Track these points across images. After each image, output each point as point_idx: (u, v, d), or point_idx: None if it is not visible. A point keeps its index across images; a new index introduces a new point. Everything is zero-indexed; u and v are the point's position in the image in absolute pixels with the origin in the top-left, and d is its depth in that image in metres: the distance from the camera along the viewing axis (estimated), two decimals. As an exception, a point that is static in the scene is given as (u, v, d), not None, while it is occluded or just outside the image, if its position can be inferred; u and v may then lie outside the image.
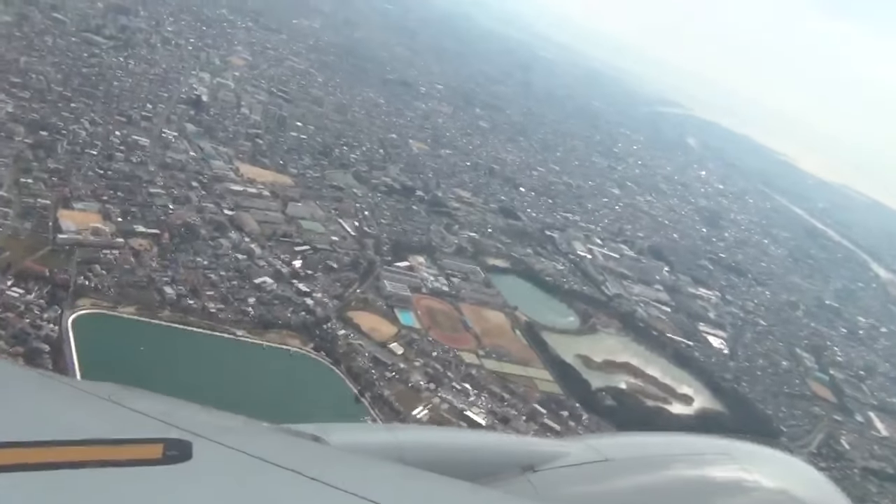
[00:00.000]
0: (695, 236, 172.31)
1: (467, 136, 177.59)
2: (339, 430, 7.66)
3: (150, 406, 5.77)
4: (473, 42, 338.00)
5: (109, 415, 5.55)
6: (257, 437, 6.19)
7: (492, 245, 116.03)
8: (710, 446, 9.91)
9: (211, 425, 5.73)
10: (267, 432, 6.62)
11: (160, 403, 6.05)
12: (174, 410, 5.91)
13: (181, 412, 6.01)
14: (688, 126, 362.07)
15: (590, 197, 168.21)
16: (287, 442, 6.39)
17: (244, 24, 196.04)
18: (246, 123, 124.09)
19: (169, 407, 5.97)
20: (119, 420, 5.47)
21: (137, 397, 5.96)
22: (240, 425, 6.34)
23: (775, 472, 8.91)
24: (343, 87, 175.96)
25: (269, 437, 6.43)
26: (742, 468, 8.48)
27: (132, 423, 5.36)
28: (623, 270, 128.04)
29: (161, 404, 6.02)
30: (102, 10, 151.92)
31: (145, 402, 5.92)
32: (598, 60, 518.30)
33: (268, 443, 6.00)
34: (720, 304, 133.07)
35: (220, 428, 5.76)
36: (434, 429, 28.18)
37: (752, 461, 8.77)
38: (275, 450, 5.43)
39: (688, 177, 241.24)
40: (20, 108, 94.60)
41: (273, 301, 77.22)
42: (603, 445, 8.52)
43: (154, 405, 5.88)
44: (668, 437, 26.94)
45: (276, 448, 5.65)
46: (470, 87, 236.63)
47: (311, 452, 6.17)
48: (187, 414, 6.05)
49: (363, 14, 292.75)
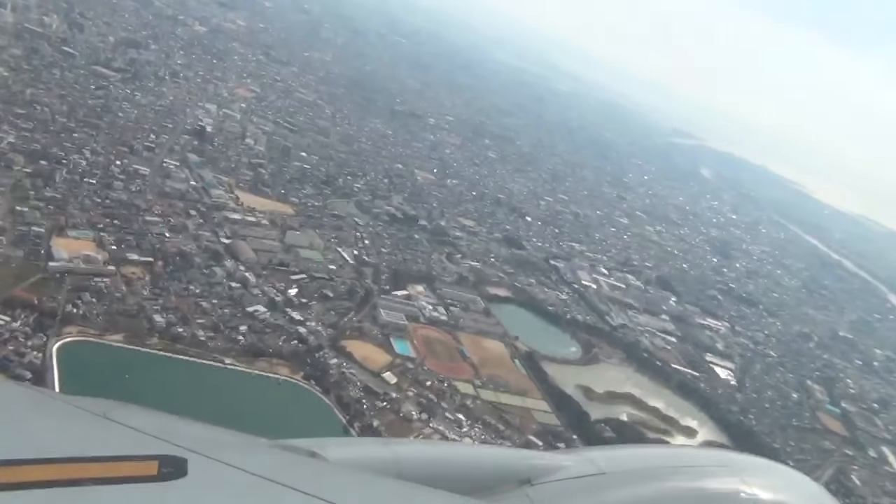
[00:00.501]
0: (704, 266, 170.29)
1: (475, 167, 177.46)
2: (335, 445, 7.66)
3: (146, 422, 5.75)
4: (487, 76, 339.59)
5: (104, 431, 5.56)
6: (253, 454, 6.13)
7: (494, 274, 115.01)
8: (708, 458, 10.19)
9: (206, 441, 5.71)
10: (263, 448, 6.60)
11: (155, 420, 6.06)
12: (169, 427, 5.87)
13: (176, 428, 5.96)
14: (702, 157, 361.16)
15: (597, 227, 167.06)
16: (284, 458, 6.35)
17: (255, 57, 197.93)
18: (249, 153, 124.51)
19: (164, 423, 6.00)
20: (114, 437, 5.46)
21: (132, 414, 5.97)
22: (235, 441, 6.33)
23: (774, 484, 8.94)
24: (351, 118, 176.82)
25: (265, 453, 6.37)
26: (741, 480, 8.51)
27: (127, 440, 5.35)
28: (629, 300, 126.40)
29: (156, 420, 6.02)
30: (113, 44, 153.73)
31: (140, 418, 5.91)
32: (613, 92, 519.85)
33: (264, 459, 5.98)
34: (729, 334, 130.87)
35: (216, 444, 5.75)
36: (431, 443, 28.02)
37: (750, 473, 8.84)
38: (271, 466, 5.50)
39: (700, 207, 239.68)
40: (22, 139, 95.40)
41: (265, 329, 76.47)
42: (600, 458, 8.53)
43: (149, 421, 5.88)
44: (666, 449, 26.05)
45: (272, 464, 5.71)
46: (480, 119, 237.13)
47: (308, 468, 6.21)
48: (182, 430, 6.00)
49: (375, 48, 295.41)
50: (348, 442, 22.72)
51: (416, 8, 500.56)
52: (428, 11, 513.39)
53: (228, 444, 6.14)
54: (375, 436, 66.74)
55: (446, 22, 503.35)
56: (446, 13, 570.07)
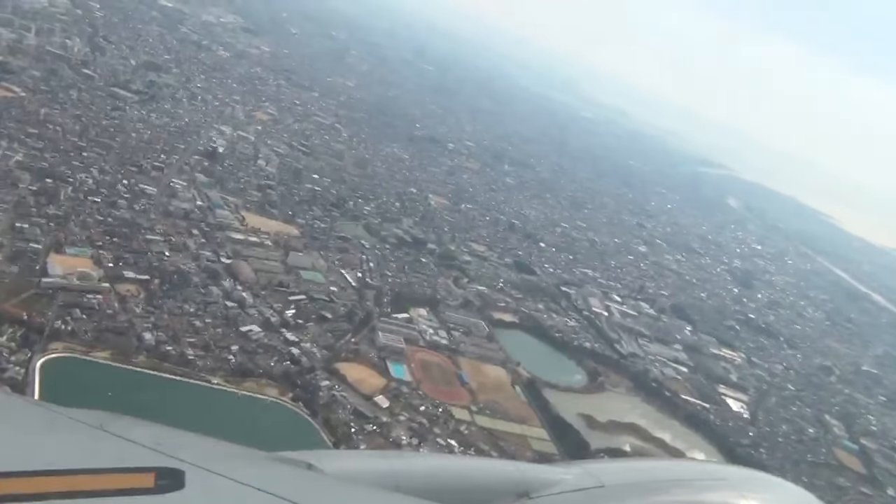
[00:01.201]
0: (724, 296, 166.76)
1: (491, 192, 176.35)
2: (333, 457, 7.71)
3: (142, 434, 5.74)
4: (512, 103, 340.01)
5: (101, 443, 5.53)
6: (250, 466, 6.10)
7: (501, 299, 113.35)
8: (706, 472, 10.21)
9: (203, 453, 5.68)
10: (260, 460, 6.58)
11: (152, 431, 6.03)
12: (166, 438, 5.85)
13: (173, 440, 5.95)
14: (729, 186, 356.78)
15: (614, 254, 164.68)
16: (281, 470, 6.28)
17: (275, 81, 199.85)
18: (260, 175, 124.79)
19: (161, 435, 5.95)
20: (111, 449, 5.42)
21: (129, 425, 5.96)
22: (232, 453, 6.35)
23: (772, 498, 8.98)
24: (368, 142, 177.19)
25: (262, 466, 6.32)
26: (739, 493, 8.54)
27: (124, 452, 5.33)
28: (640, 329, 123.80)
29: (153, 432, 6.00)
30: (133, 67, 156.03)
31: (137, 430, 5.90)
32: (641, 121, 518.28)
33: (261, 471, 5.92)
34: (745, 366, 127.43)
35: (213, 456, 5.78)
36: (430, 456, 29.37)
37: (749, 486, 8.91)
38: (268, 478, 5.45)
39: (724, 237, 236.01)
40: (30, 157, 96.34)
41: (257, 350, 75.66)
42: (598, 471, 8.52)
43: (146, 433, 5.86)
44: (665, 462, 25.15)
45: (269, 476, 5.65)
46: (502, 145, 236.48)
47: (305, 481, 6.20)
48: (179, 442, 5.98)
49: (401, 74, 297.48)
50: (346, 455, 23.05)
51: (444, 35, 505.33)
52: (457, 39, 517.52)
53: (225, 456, 6.19)
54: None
55: (475, 50, 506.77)
56: (475, 41, 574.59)
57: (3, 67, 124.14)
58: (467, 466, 10.39)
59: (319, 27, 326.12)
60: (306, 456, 7.14)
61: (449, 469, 8.91)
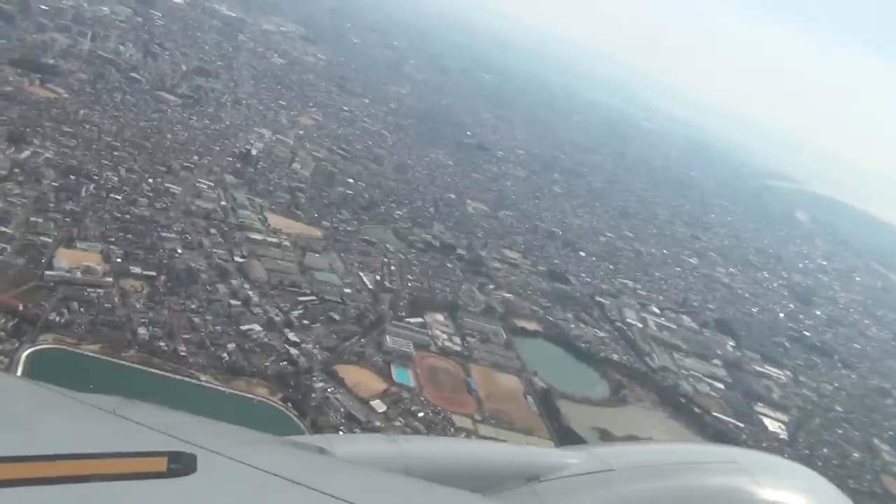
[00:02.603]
0: (777, 312, 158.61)
1: (535, 200, 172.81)
2: (344, 441, 8.10)
3: (155, 419, 5.83)
4: (572, 113, 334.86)
5: (113, 428, 5.63)
6: (262, 450, 6.16)
7: (526, 307, 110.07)
8: (716, 454, 9.98)
9: (215, 438, 5.74)
10: (272, 444, 6.66)
11: (165, 416, 6.16)
12: (178, 423, 5.96)
13: (186, 425, 6.04)
14: (799, 200, 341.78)
15: (660, 265, 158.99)
16: (292, 454, 6.39)
17: (327, 88, 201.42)
18: (292, 177, 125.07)
19: (173, 420, 6.08)
20: (123, 433, 5.53)
21: (142, 410, 6.09)
22: (244, 438, 6.44)
23: (784, 481, 8.80)
24: (412, 148, 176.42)
25: (273, 450, 6.42)
26: (750, 477, 8.39)
27: (137, 437, 5.41)
28: (677, 342, 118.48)
29: (165, 417, 6.13)
30: (183, 73, 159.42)
31: (150, 414, 6.01)
32: (709, 132, 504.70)
33: (273, 455, 5.98)
34: (789, 384, 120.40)
35: (225, 440, 5.80)
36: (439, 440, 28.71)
37: (760, 470, 8.73)
38: (280, 462, 5.48)
39: (786, 251, 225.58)
40: (60, 155, 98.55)
41: (255, 349, 74.76)
42: (608, 454, 8.58)
43: (158, 418, 5.96)
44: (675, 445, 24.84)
45: (281, 460, 5.70)
46: (554, 154, 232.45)
47: (316, 464, 6.22)
48: (192, 426, 6.07)
49: (457, 83, 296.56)
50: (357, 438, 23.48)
51: (508, 46, 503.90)
52: (521, 50, 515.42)
53: (237, 440, 6.22)
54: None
55: (539, 59, 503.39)
56: (541, 51, 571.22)
57: (52, 70, 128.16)
58: (477, 450, 10.51)
59: (382, 37, 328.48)
60: (317, 440, 7.23)
61: (459, 453, 9.04)
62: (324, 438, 7.32)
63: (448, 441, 26.75)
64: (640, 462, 8.87)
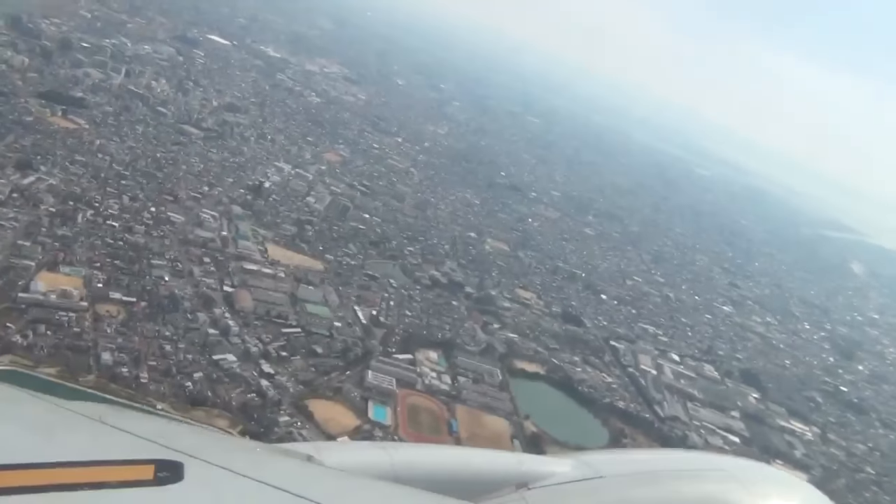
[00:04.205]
0: (814, 365, 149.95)
1: (562, 242, 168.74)
2: (333, 448, 7.98)
3: (141, 426, 5.75)
4: (619, 156, 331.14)
5: (100, 435, 5.51)
6: (250, 458, 6.12)
7: (531, 349, 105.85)
8: (705, 462, 10.04)
9: (203, 446, 5.66)
10: (260, 452, 6.62)
11: (151, 423, 6.22)
12: (165, 431, 5.89)
13: (173, 432, 5.99)
14: (856, 251, 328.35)
15: (689, 312, 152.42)
16: (280, 462, 6.27)
17: (360, 126, 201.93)
18: (303, 211, 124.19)
19: (160, 427, 6.07)
20: (110, 441, 5.41)
21: (128, 417, 6.01)
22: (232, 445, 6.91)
23: (772, 489, 8.84)
24: (439, 186, 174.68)
25: (262, 458, 6.34)
26: (738, 484, 8.44)
27: (123, 444, 5.32)
28: (693, 392, 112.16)
29: (152, 424, 6.17)
30: (213, 108, 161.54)
31: (136, 422, 5.93)
32: (770, 180, 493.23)
33: (261, 463, 5.91)
34: (816, 442, 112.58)
35: (212, 448, 5.74)
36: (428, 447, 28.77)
37: (748, 478, 8.77)
38: (268, 470, 5.40)
39: (834, 303, 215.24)
40: (65, 182, 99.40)
41: (224, 379, 72.77)
42: (597, 461, 8.66)
43: (145, 425, 5.92)
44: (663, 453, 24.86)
45: (269, 468, 5.61)
46: (592, 196, 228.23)
47: (305, 472, 6.10)
48: (179, 434, 6.01)
49: (501, 124, 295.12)
50: (345, 446, 23.48)
51: (562, 91, 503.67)
52: (575, 95, 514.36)
53: (225, 448, 6.33)
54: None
55: (593, 105, 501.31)
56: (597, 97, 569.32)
57: (79, 103, 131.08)
58: (467, 457, 10.35)
59: (428, 80, 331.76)
60: (306, 448, 7.17)
61: (449, 460, 8.99)
62: (312, 446, 7.35)
63: (437, 448, 26.79)
64: (628, 469, 8.90)
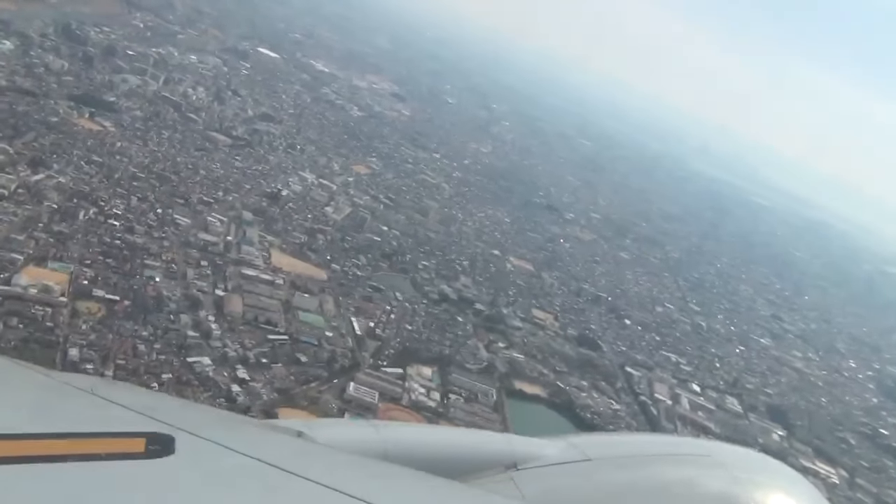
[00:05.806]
0: (853, 405, 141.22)
1: (592, 264, 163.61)
2: (323, 426, 8.03)
3: (133, 399, 5.75)
4: (669, 182, 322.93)
5: (91, 408, 5.57)
6: (241, 433, 6.15)
7: (535, 370, 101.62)
8: (691, 447, 10.38)
9: (194, 420, 5.75)
10: (251, 427, 6.81)
11: (143, 397, 6.38)
12: (157, 404, 5.87)
13: (164, 406, 5.97)
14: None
15: (720, 343, 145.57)
16: (271, 438, 6.36)
17: (398, 141, 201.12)
18: (318, 220, 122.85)
19: (152, 400, 6.17)
20: (101, 413, 5.45)
21: (119, 390, 6.30)
22: (223, 420, 6.67)
23: (756, 474, 8.84)
24: (469, 203, 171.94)
25: (252, 433, 6.39)
26: (724, 469, 8.48)
27: (114, 417, 5.34)
28: (709, 425, 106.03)
29: (143, 397, 6.27)
30: (247, 118, 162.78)
31: (128, 395, 5.98)
32: (834, 213, 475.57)
33: (251, 438, 5.97)
34: (842, 486, 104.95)
35: (204, 422, 5.83)
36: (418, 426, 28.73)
37: (733, 462, 8.78)
38: (258, 445, 5.48)
39: (888, 342, 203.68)
40: (75, 181, 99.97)
41: (193, 382, 71.08)
42: (585, 444, 8.76)
43: (137, 399, 5.90)
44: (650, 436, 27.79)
45: (259, 444, 5.67)
46: (634, 221, 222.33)
47: (294, 448, 6.17)
48: (170, 408, 6.05)
49: (549, 146, 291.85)
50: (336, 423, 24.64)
51: (619, 116, 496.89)
52: (630, 120, 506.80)
53: (216, 422, 6.20)
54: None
55: (649, 130, 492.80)
56: (654, 122, 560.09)
57: (109, 106, 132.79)
58: (456, 437, 10.49)
59: (480, 99, 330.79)
60: (296, 424, 7.18)
61: (438, 439, 9.12)
62: (303, 423, 7.28)
63: (427, 428, 26.43)
64: (616, 453, 8.90)
